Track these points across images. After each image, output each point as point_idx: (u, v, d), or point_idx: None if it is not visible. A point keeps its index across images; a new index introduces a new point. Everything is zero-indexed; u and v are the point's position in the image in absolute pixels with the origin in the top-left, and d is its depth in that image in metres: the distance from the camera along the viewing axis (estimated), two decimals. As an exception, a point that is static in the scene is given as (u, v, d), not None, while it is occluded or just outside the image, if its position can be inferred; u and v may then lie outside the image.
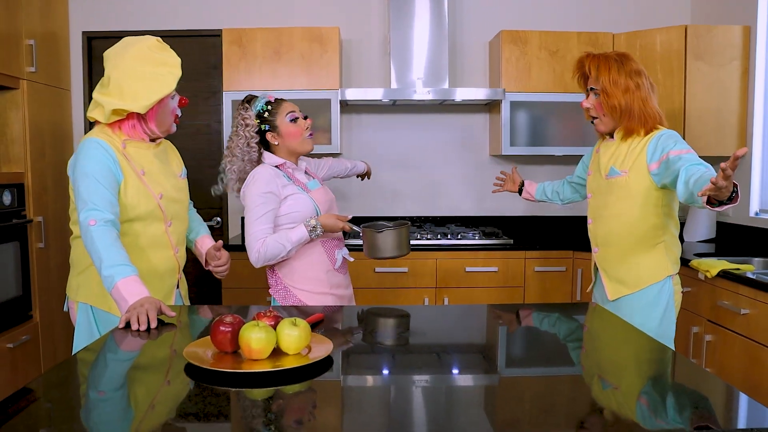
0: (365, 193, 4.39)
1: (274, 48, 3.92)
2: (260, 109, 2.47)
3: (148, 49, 2.19)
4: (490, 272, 3.76)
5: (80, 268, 2.29)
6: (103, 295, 2.20)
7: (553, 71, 3.93)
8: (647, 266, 2.37)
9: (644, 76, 2.37)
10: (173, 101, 2.29)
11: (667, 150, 2.21)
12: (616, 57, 2.39)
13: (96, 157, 2.10)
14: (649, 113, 2.33)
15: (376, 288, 3.77)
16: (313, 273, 2.51)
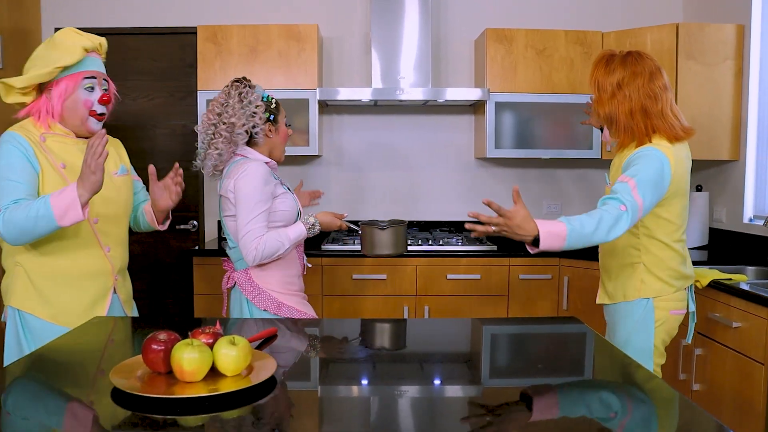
0: (345, 197, 4.24)
1: (250, 45, 3.77)
2: (267, 99, 2.42)
3: (57, 36, 2.15)
4: (473, 280, 3.61)
5: (7, 271, 2.22)
6: (25, 298, 2.14)
7: (540, 71, 3.79)
8: (623, 284, 2.34)
9: (642, 80, 2.20)
10: (90, 94, 2.17)
11: (623, 172, 2.16)
12: (620, 57, 2.27)
13: (8, 151, 2.06)
14: (633, 128, 2.20)
15: (352, 295, 3.62)
16: (285, 277, 2.45)
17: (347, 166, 4.25)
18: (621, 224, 2.04)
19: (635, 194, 2.06)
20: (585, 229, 2.01)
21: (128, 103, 4.21)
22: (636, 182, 2.07)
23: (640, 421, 1.33)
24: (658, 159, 2.12)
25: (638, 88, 2.19)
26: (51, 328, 2.12)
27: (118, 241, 2.30)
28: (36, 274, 2.15)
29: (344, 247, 3.66)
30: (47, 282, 2.15)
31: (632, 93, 2.19)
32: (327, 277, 3.61)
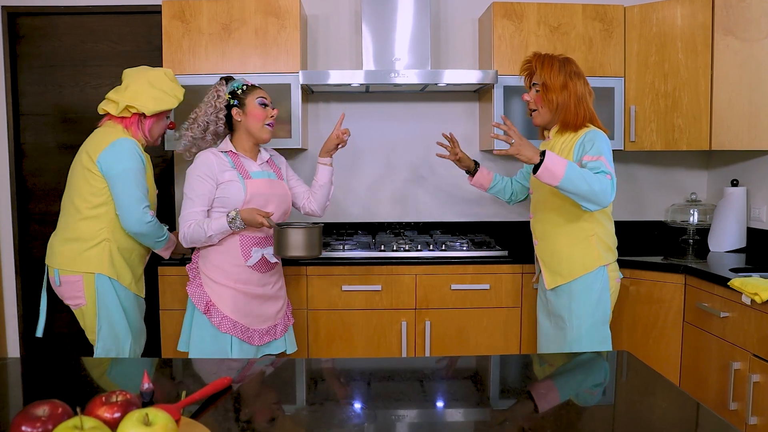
0: (333, 195, 3.77)
1: (222, 23, 3.29)
2: (235, 87, 2.62)
3: (164, 74, 2.86)
4: (481, 290, 3.15)
5: (90, 244, 2.71)
6: (114, 266, 2.73)
7: (555, 50, 3.31)
8: (579, 258, 2.57)
9: (583, 80, 2.62)
10: (166, 120, 2.92)
11: (584, 153, 2.47)
12: (560, 59, 2.63)
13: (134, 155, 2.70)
14: (581, 111, 2.56)
15: (342, 310, 3.14)
16: (219, 262, 2.58)
17: (336, 161, 3.75)
18: (610, 189, 2.37)
19: (609, 167, 2.41)
20: (586, 174, 2.33)
21: (89, 91, 3.72)
22: (605, 158, 2.42)
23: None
24: (606, 138, 2.51)
25: (582, 84, 2.60)
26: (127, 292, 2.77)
27: None
28: (124, 249, 2.76)
29: (332, 254, 3.19)
30: (125, 255, 2.76)
31: (577, 86, 2.58)
32: (313, 289, 3.14)
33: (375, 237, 3.66)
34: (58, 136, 3.78)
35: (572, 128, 2.57)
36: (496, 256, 3.16)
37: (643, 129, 3.34)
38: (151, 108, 2.76)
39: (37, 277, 3.83)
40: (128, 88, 2.79)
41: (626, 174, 3.79)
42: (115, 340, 2.74)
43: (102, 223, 2.71)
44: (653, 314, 3.00)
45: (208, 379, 1.54)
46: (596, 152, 2.43)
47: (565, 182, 2.31)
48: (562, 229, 2.60)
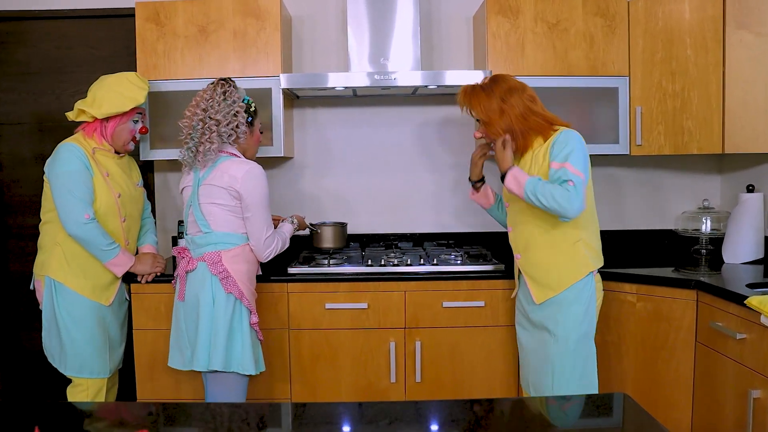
0: (321, 206, 3.56)
1: (199, 25, 3.10)
2: (247, 101, 2.60)
3: (124, 77, 2.78)
4: (475, 308, 2.92)
5: (46, 248, 2.73)
6: (59, 271, 2.67)
7: (553, 49, 3.09)
8: (568, 266, 2.43)
9: (518, 92, 2.43)
10: (135, 124, 2.81)
11: (552, 159, 2.34)
12: (483, 85, 2.48)
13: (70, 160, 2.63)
14: (532, 127, 2.41)
15: (327, 329, 2.93)
16: (252, 269, 2.63)
17: (323, 170, 3.57)
18: (575, 195, 2.25)
19: (575, 171, 2.28)
20: (546, 184, 2.29)
21: (66, 99, 3.55)
22: (570, 162, 2.29)
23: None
24: (577, 137, 2.37)
25: (519, 97, 2.42)
26: (76, 296, 2.67)
27: (133, 237, 2.88)
28: (71, 254, 2.68)
29: (315, 269, 2.98)
30: (79, 261, 2.68)
31: (516, 102, 2.41)
32: (294, 307, 2.93)
33: (364, 250, 3.46)
34: (34, 146, 3.61)
35: (535, 144, 2.44)
36: (492, 271, 2.94)
37: (650, 132, 3.10)
38: (103, 110, 2.69)
39: (16, 294, 3.65)
40: (89, 94, 2.77)
41: (633, 180, 3.55)
42: (58, 344, 2.70)
43: (54, 227, 2.71)
44: (662, 333, 2.76)
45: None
46: (562, 158, 2.32)
47: (529, 189, 2.30)
48: (545, 238, 2.45)
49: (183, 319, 2.58)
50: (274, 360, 2.94)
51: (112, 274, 2.75)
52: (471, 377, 2.94)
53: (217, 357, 2.47)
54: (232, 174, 2.49)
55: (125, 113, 2.75)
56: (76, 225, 2.58)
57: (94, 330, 2.70)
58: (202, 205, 2.54)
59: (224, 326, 2.48)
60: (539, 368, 2.47)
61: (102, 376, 2.72)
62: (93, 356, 2.70)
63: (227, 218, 2.53)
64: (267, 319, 2.92)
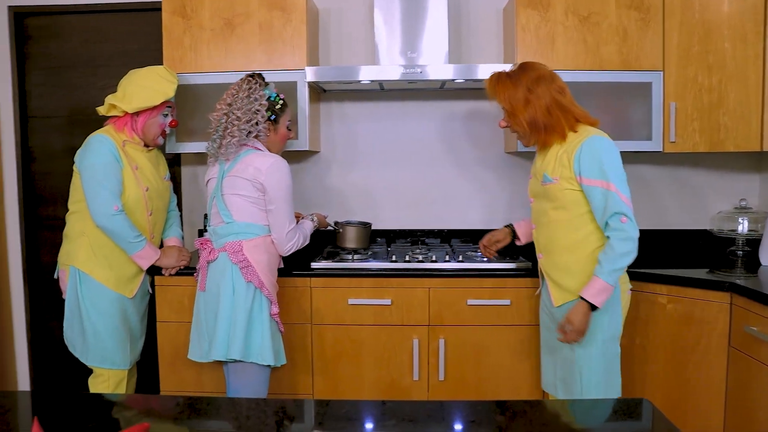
0: (347, 201, 3.54)
1: (225, 18, 3.09)
2: (273, 98, 2.61)
3: (153, 71, 2.80)
4: (501, 306, 2.87)
5: (72, 238, 2.75)
6: (86, 261, 2.69)
7: (585, 43, 3.01)
8: (587, 273, 2.30)
9: (546, 82, 2.31)
10: (165, 118, 2.82)
11: (581, 174, 2.24)
12: (510, 73, 2.38)
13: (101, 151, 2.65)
14: (555, 122, 2.29)
15: (349, 325, 2.91)
16: (274, 258, 2.63)
17: (349, 164, 3.54)
18: (631, 228, 2.19)
19: (623, 198, 2.19)
20: (609, 260, 2.19)
21: (96, 92, 3.58)
22: (613, 182, 2.19)
23: None
24: (606, 145, 2.23)
25: (546, 87, 2.29)
26: (100, 287, 2.69)
27: (159, 230, 2.91)
28: (97, 245, 2.70)
29: (338, 264, 2.96)
30: (104, 252, 2.71)
31: (543, 92, 2.28)
32: (317, 302, 2.91)
33: (390, 246, 3.42)
34: (66, 139, 3.65)
35: (556, 141, 2.32)
36: (518, 269, 2.88)
37: (684, 128, 3.00)
38: (133, 105, 2.70)
39: (45, 284, 3.71)
40: (119, 89, 2.78)
41: (667, 178, 3.44)
42: (81, 334, 2.72)
43: (81, 217, 2.73)
44: (694, 336, 2.67)
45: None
46: (599, 174, 2.21)
47: (611, 279, 2.21)
48: (566, 241, 2.35)
49: (203, 309, 2.59)
50: (297, 355, 2.92)
51: (136, 266, 2.76)
52: (495, 377, 2.89)
53: (235, 346, 2.47)
54: (257, 166, 2.50)
55: (155, 107, 2.76)
56: (105, 216, 2.60)
57: (117, 322, 2.72)
58: (225, 196, 2.55)
59: (243, 315, 2.48)
60: (567, 370, 2.40)
61: (123, 367, 2.74)
62: (115, 348, 2.72)
63: (249, 209, 2.54)
64: (289, 314, 2.90)
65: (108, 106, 2.75)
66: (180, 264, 2.87)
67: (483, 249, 2.81)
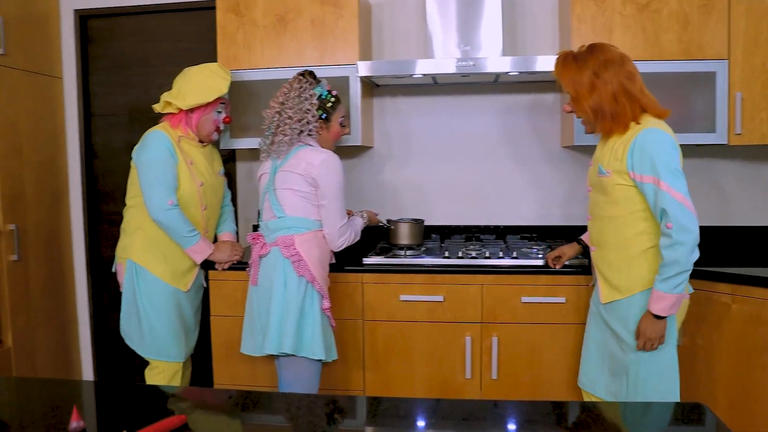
0: (400, 196, 3.52)
1: (278, 14, 3.11)
2: (324, 96, 2.62)
3: (207, 68, 2.83)
4: (556, 304, 2.80)
5: (129, 232, 2.82)
6: (143, 254, 2.75)
7: (643, 32, 2.90)
8: (637, 272, 2.22)
9: (615, 66, 2.17)
10: (219, 115, 2.85)
11: (634, 170, 2.14)
12: (576, 54, 2.24)
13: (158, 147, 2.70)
14: (621, 111, 2.17)
15: (400, 321, 2.89)
16: (325, 252, 2.64)
17: (403, 160, 3.52)
18: (685, 236, 2.06)
19: (672, 193, 2.06)
20: (665, 266, 2.09)
21: (153, 91, 3.66)
22: (663, 179, 2.07)
23: None
24: (666, 140, 2.12)
25: (615, 72, 2.17)
26: (156, 281, 2.75)
27: (212, 225, 2.95)
28: (153, 238, 2.75)
29: (390, 260, 2.94)
30: (160, 246, 2.76)
31: (610, 77, 2.17)
32: (369, 297, 2.90)
33: (443, 242, 3.39)
34: (126, 136, 3.75)
35: (619, 131, 2.21)
36: (574, 266, 2.80)
37: (751, 119, 2.86)
38: (187, 102, 2.74)
39: (106, 278, 3.82)
40: (174, 86, 2.82)
41: (732, 172, 3.29)
42: (137, 327, 2.78)
43: (137, 212, 2.78)
44: (761, 338, 2.55)
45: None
46: (650, 170, 2.10)
47: (676, 289, 2.11)
48: (617, 238, 2.25)
49: (256, 303, 2.61)
50: (348, 350, 2.92)
51: (191, 260, 2.81)
52: (550, 376, 2.82)
53: (287, 340, 2.48)
54: (309, 161, 2.53)
55: (209, 104, 2.79)
56: (160, 210, 2.64)
57: (172, 315, 2.77)
58: (277, 190, 2.57)
59: (295, 309, 2.49)
60: (613, 371, 2.31)
61: (178, 360, 2.79)
62: (170, 340, 2.77)
63: (301, 204, 2.55)
64: (341, 309, 2.90)
65: (163, 103, 2.80)
66: (233, 259, 2.91)
67: (551, 261, 2.80)
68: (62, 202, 3.76)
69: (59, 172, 3.74)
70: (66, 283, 3.78)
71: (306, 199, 2.56)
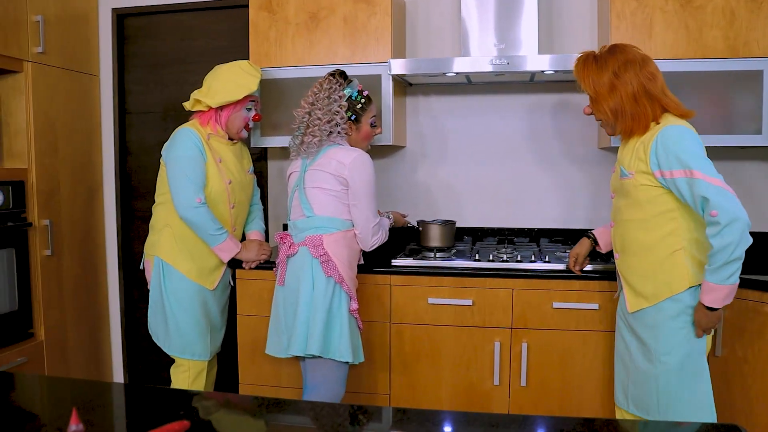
0: (433, 197, 3.45)
1: (310, 12, 3.08)
2: (354, 97, 2.58)
3: (237, 66, 2.80)
4: (588, 310, 2.70)
5: (157, 229, 2.80)
6: (170, 252, 2.74)
7: (686, 28, 2.79)
8: (665, 277, 2.13)
9: (636, 67, 2.13)
10: (248, 112, 2.82)
11: (661, 168, 2.08)
12: (597, 56, 2.21)
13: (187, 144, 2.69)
14: (642, 112, 2.13)
15: (428, 325, 2.82)
16: (354, 251, 2.60)
17: (435, 160, 3.45)
18: (732, 220, 1.97)
19: (709, 180, 1.99)
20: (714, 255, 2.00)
21: (187, 89, 3.66)
22: (695, 168, 2.01)
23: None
24: (688, 134, 2.07)
25: (635, 73, 2.13)
26: (182, 278, 2.74)
27: (240, 223, 2.92)
28: (180, 236, 2.74)
29: (419, 262, 2.88)
30: (187, 244, 2.74)
31: (630, 78, 2.13)
32: (397, 300, 2.85)
33: (475, 244, 3.31)
34: (159, 134, 3.77)
35: (639, 132, 2.15)
36: (608, 271, 2.70)
37: (800, 121, 2.72)
38: (217, 100, 2.72)
39: (137, 275, 3.85)
40: (204, 84, 2.81)
41: (780, 176, 3.15)
42: (164, 324, 2.77)
43: (166, 209, 2.77)
44: (807, 350, 2.42)
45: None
46: (678, 164, 2.03)
47: (731, 278, 2.01)
48: (642, 242, 2.18)
49: (282, 304, 2.58)
50: (375, 353, 2.87)
51: (218, 258, 2.79)
52: (581, 385, 2.73)
53: (314, 341, 2.43)
54: (340, 160, 2.49)
55: (239, 101, 2.77)
56: (188, 208, 2.63)
57: (198, 313, 2.76)
58: (306, 189, 2.54)
59: (323, 310, 2.45)
60: (642, 384, 2.20)
61: (203, 358, 2.77)
62: (195, 339, 2.75)
63: (331, 203, 2.51)
64: (369, 311, 2.85)
65: (193, 101, 2.79)
66: (260, 258, 2.88)
67: (573, 268, 2.67)
68: (96, 198, 3.80)
69: (94, 169, 3.77)
70: (98, 279, 3.81)
71: (336, 198, 2.52)
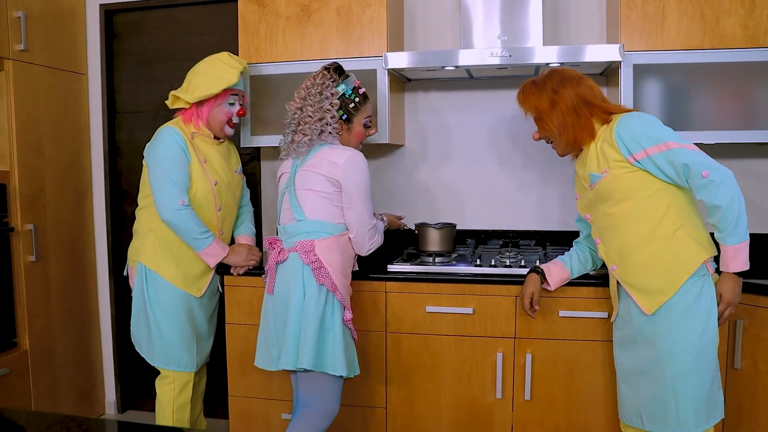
0: (433, 198, 3.29)
1: (302, 4, 2.93)
2: (348, 95, 2.43)
3: (218, 59, 2.67)
4: (597, 319, 2.53)
5: (140, 234, 2.68)
6: (153, 257, 2.62)
7: (701, 17, 2.61)
8: (675, 259, 2.08)
9: (572, 83, 2.19)
10: (231, 107, 2.67)
11: (633, 152, 2.08)
12: (536, 80, 2.26)
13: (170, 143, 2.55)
14: (583, 122, 2.17)
15: (426, 334, 2.66)
16: (349, 257, 2.45)
17: (436, 158, 3.29)
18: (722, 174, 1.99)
19: (686, 147, 2.02)
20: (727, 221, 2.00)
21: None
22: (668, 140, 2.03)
23: None
24: (644, 115, 2.12)
25: (572, 87, 2.18)
26: (166, 285, 2.61)
27: (228, 227, 2.79)
28: (164, 241, 2.61)
29: (416, 268, 2.72)
30: (171, 249, 2.61)
31: (569, 93, 2.18)
32: (393, 308, 2.69)
33: (477, 248, 3.15)
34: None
35: (587, 140, 2.20)
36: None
37: (825, 115, 2.54)
38: (195, 94, 2.61)
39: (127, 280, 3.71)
40: (185, 80, 2.71)
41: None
42: (147, 333, 2.64)
43: (149, 213, 2.65)
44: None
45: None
46: (651, 141, 2.05)
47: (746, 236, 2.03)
48: (640, 235, 2.13)
49: (272, 313, 2.42)
50: (371, 364, 2.72)
51: (204, 264, 2.65)
52: (588, 398, 2.56)
53: (306, 354, 2.27)
54: (332, 160, 2.35)
55: (218, 95, 2.64)
56: (170, 210, 2.49)
57: (182, 321, 2.62)
58: (297, 191, 2.40)
59: (315, 321, 2.29)
60: (655, 395, 2.09)
61: (189, 369, 2.64)
62: (180, 349, 2.62)
63: (323, 206, 2.36)
64: (364, 320, 2.70)
65: (173, 98, 2.67)
66: (249, 263, 2.73)
67: (528, 310, 2.46)
68: (85, 201, 3.66)
69: (82, 171, 3.64)
70: (87, 285, 3.68)
71: (328, 200, 2.36)
